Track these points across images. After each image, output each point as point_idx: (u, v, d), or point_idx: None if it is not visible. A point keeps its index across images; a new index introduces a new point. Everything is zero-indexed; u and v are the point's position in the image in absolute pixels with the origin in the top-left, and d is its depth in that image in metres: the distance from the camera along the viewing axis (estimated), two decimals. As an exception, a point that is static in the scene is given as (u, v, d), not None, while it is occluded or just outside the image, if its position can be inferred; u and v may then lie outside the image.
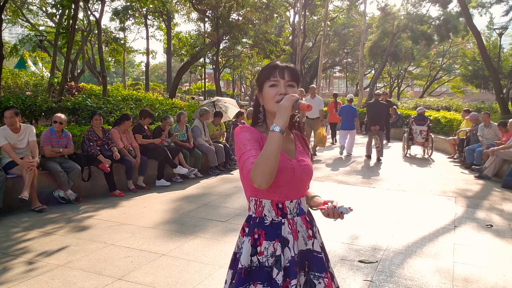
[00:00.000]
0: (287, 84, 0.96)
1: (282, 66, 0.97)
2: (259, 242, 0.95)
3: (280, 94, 0.94)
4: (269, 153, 0.85)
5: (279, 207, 0.96)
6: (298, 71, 1.01)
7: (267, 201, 0.96)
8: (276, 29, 20.43)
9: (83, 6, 10.90)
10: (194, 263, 2.20)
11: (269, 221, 0.96)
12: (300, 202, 0.99)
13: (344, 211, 0.92)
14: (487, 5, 14.26)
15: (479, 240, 2.67)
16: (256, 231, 0.96)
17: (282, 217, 0.96)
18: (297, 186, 0.97)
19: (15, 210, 3.16)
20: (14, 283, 1.94)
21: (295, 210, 0.97)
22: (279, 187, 0.94)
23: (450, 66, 22.58)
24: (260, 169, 0.86)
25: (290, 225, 0.96)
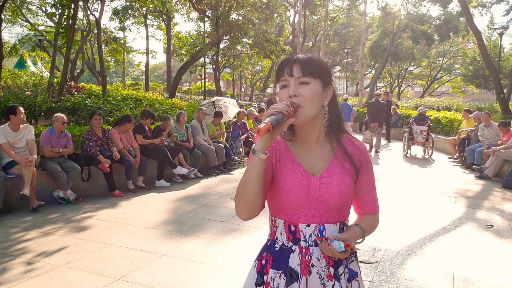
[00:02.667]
0: (298, 82, 0.75)
1: (291, 60, 0.77)
2: (266, 269, 0.80)
3: (290, 96, 0.75)
4: (244, 180, 0.73)
5: (291, 230, 0.78)
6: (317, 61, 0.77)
7: (280, 222, 0.80)
8: (276, 29, 20.42)
9: (83, 5, 10.90)
10: (194, 263, 2.19)
11: (279, 245, 0.80)
12: (324, 230, 0.77)
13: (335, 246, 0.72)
14: (488, 5, 14.25)
15: (479, 240, 2.66)
16: (265, 255, 0.81)
17: (294, 243, 0.78)
18: (318, 208, 0.77)
19: (14, 210, 3.15)
20: (14, 284, 1.93)
21: (314, 237, 0.77)
22: (290, 209, 0.78)
23: (450, 66, 22.57)
24: (236, 200, 0.75)
25: (301, 254, 0.77)
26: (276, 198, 0.79)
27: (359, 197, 0.84)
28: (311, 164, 0.80)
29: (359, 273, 0.83)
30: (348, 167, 0.80)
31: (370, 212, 0.85)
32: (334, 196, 0.77)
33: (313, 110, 0.76)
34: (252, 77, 29.72)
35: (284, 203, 0.78)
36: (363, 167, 0.82)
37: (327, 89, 0.78)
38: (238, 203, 0.75)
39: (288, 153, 0.81)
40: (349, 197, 0.79)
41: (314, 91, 0.75)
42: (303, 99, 0.74)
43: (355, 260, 0.83)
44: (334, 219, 0.79)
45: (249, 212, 0.75)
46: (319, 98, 0.76)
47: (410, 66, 22.88)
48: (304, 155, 0.80)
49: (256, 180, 0.72)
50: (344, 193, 0.78)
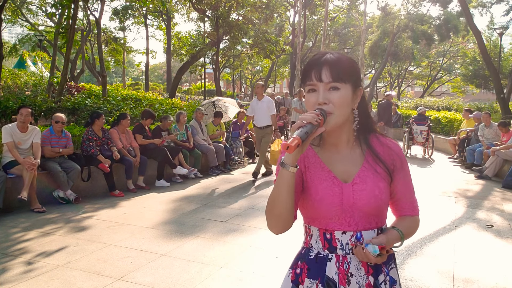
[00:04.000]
0: (328, 87, 0.70)
1: (320, 62, 0.71)
2: (301, 278, 0.76)
3: (319, 104, 0.69)
4: (274, 195, 0.69)
5: (327, 238, 0.75)
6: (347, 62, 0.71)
7: (315, 229, 0.76)
8: (276, 28, 20.42)
9: (83, 5, 10.90)
10: (194, 263, 2.19)
11: (314, 254, 0.76)
12: (361, 237, 0.73)
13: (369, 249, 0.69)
14: (488, 5, 14.25)
15: (479, 240, 2.66)
16: (299, 264, 0.78)
17: (330, 251, 0.74)
18: (353, 216, 0.73)
19: (14, 210, 3.15)
20: (14, 283, 1.93)
21: (351, 245, 0.74)
22: (324, 218, 0.74)
23: (450, 66, 22.57)
24: (267, 214, 0.72)
25: (338, 263, 0.74)
26: (308, 207, 0.76)
27: (396, 199, 0.79)
28: (342, 170, 0.75)
29: (398, 280, 0.79)
30: (380, 170, 0.75)
31: (408, 214, 0.80)
32: (369, 202, 0.73)
33: (344, 116, 0.72)
34: (252, 77, 29.72)
35: (317, 213, 0.74)
36: (397, 167, 0.77)
37: (357, 91, 0.73)
38: (269, 219, 0.72)
39: (317, 159, 0.77)
40: (385, 202, 0.75)
41: (345, 96, 0.70)
42: (333, 106, 0.70)
43: (395, 267, 0.79)
44: (371, 225, 0.75)
45: (282, 227, 0.72)
46: (349, 103, 0.72)
47: (410, 66, 22.90)
48: (334, 160, 0.76)
49: (287, 195, 0.69)
50: (379, 198, 0.73)
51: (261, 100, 4.50)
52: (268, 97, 4.59)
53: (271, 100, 4.55)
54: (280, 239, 2.59)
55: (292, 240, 2.57)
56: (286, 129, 8.53)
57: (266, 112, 4.43)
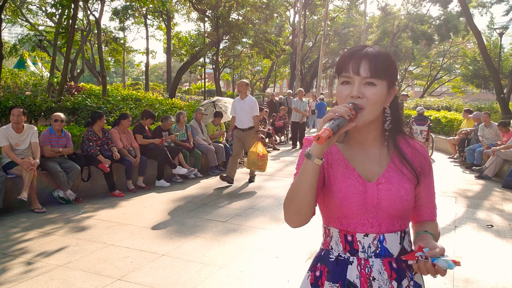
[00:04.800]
0: (364, 82, 0.67)
1: (359, 55, 0.68)
2: (320, 281, 0.74)
3: (352, 97, 0.67)
4: (296, 186, 0.67)
5: (348, 240, 0.72)
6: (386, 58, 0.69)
7: (335, 230, 0.74)
8: (276, 29, 20.41)
9: (83, 5, 10.90)
10: (194, 263, 2.19)
11: (334, 256, 0.74)
12: (384, 240, 0.71)
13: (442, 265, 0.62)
14: (488, 5, 14.25)
15: (479, 240, 2.66)
16: (319, 266, 0.75)
17: (351, 254, 0.72)
18: (377, 217, 0.71)
19: (14, 210, 3.15)
20: (14, 284, 1.93)
21: (373, 248, 0.71)
22: (346, 218, 0.72)
23: (450, 66, 22.57)
24: (285, 206, 0.70)
25: (360, 266, 0.71)
26: (329, 206, 0.73)
27: (419, 203, 0.76)
28: (366, 169, 0.73)
29: (423, 285, 0.76)
30: (406, 171, 0.73)
31: (429, 219, 0.77)
32: (394, 203, 0.70)
33: (375, 113, 0.70)
34: (252, 77, 29.71)
35: (339, 211, 0.72)
36: (426, 172, 0.75)
37: (391, 89, 0.72)
38: (287, 211, 0.70)
39: (341, 156, 0.74)
40: (410, 204, 0.72)
41: (380, 94, 0.68)
42: (366, 101, 0.67)
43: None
44: (395, 228, 0.72)
45: (300, 220, 0.70)
46: (382, 101, 0.70)
47: (410, 66, 22.89)
48: (358, 159, 0.74)
49: (310, 187, 0.66)
50: (405, 199, 0.71)
51: (243, 100, 4.10)
52: (251, 97, 4.19)
53: (254, 100, 4.16)
54: (280, 239, 2.59)
55: (292, 240, 2.57)
56: (286, 129, 8.52)
57: (248, 112, 4.05)
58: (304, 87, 17.07)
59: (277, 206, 3.35)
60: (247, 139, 4.09)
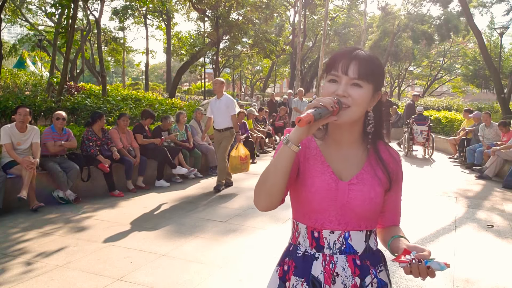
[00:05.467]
0: (351, 82, 0.69)
1: (350, 56, 0.70)
2: (288, 276, 0.76)
3: (338, 95, 0.69)
4: (269, 170, 0.68)
5: (315, 237, 0.74)
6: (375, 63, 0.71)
7: (303, 226, 0.76)
8: (276, 28, 20.41)
9: (83, 5, 10.89)
10: (194, 263, 2.19)
11: (301, 251, 0.76)
12: (349, 237, 0.73)
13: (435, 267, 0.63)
14: (488, 5, 14.24)
15: (480, 241, 2.66)
16: (287, 261, 0.78)
17: (317, 250, 0.74)
18: (344, 215, 0.73)
19: (14, 210, 3.15)
20: (13, 284, 1.93)
21: (339, 245, 0.73)
22: (314, 213, 0.73)
23: (450, 65, 22.56)
24: (256, 188, 0.71)
25: (325, 262, 0.73)
26: (301, 200, 0.75)
27: (386, 208, 0.79)
28: (342, 168, 0.75)
29: (389, 283, 0.77)
30: (380, 175, 0.75)
31: (393, 224, 0.80)
32: (363, 204, 0.72)
33: (358, 114, 0.71)
34: (252, 77, 29.72)
35: (309, 205, 0.74)
36: (399, 179, 0.78)
37: (376, 94, 0.73)
38: (258, 193, 0.71)
39: (318, 153, 0.76)
40: (378, 207, 0.74)
41: (365, 96, 0.70)
42: (351, 101, 0.69)
43: (385, 270, 0.77)
44: (361, 227, 0.74)
45: (268, 203, 0.71)
46: (366, 103, 0.72)
47: (410, 66, 22.88)
48: (335, 157, 0.75)
49: (282, 172, 0.67)
50: (374, 202, 0.73)
51: (219, 99, 3.84)
52: (228, 96, 3.92)
53: (230, 99, 3.89)
54: (280, 239, 2.59)
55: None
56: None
57: (225, 112, 3.79)
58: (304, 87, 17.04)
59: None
60: (224, 140, 3.84)
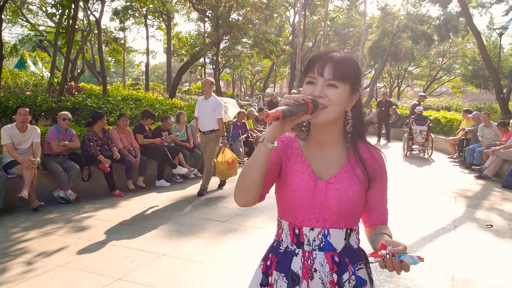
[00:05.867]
0: (326, 83, 0.71)
1: (325, 58, 0.72)
2: (270, 271, 0.79)
3: (314, 95, 0.71)
4: (247, 166, 0.71)
5: (295, 233, 0.77)
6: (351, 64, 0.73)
7: (285, 223, 0.79)
8: (276, 29, 20.43)
9: (83, 6, 10.91)
10: (194, 263, 2.20)
11: (283, 247, 0.79)
12: (328, 234, 0.75)
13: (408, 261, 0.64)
14: (487, 5, 14.26)
15: (479, 240, 2.67)
16: (270, 256, 0.81)
17: (297, 246, 0.77)
18: (322, 213, 0.75)
19: (15, 210, 3.16)
20: (14, 283, 1.94)
21: (318, 242, 0.75)
22: (294, 211, 0.77)
23: (450, 66, 22.57)
24: (236, 184, 0.74)
25: (304, 258, 0.75)
26: (282, 198, 0.78)
27: (371, 207, 0.80)
28: (321, 168, 0.77)
29: (369, 281, 0.78)
30: (359, 174, 0.76)
31: (380, 223, 0.81)
32: (340, 202, 0.74)
33: (336, 114, 0.73)
34: (252, 77, 29.73)
35: (289, 204, 0.77)
36: (378, 177, 0.78)
37: (353, 94, 0.75)
38: (237, 189, 0.74)
39: (300, 153, 0.78)
40: (356, 205, 0.76)
41: (341, 96, 0.72)
42: (328, 101, 0.71)
43: (365, 267, 0.78)
44: (340, 225, 0.76)
45: (246, 199, 0.74)
46: (344, 103, 0.73)
47: (409, 66, 22.88)
48: (316, 157, 0.78)
49: (258, 169, 0.70)
50: (351, 200, 0.74)
51: (207, 100, 3.64)
52: (215, 97, 3.69)
53: (218, 102, 3.65)
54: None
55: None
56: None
57: (211, 114, 3.60)
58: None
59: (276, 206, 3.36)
60: (209, 143, 3.67)
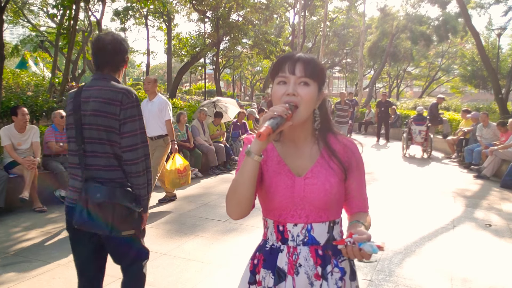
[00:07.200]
0: (299, 81, 0.73)
1: (295, 58, 0.75)
2: (257, 269, 0.80)
3: (288, 94, 0.73)
4: (237, 181, 0.73)
5: (280, 230, 0.79)
6: (318, 63, 0.76)
7: (270, 222, 0.80)
8: (276, 29, 20.46)
9: (84, 6, 10.93)
10: (194, 262, 2.21)
11: (269, 245, 0.80)
12: (311, 229, 0.77)
13: (367, 249, 0.65)
14: (486, 6, 14.29)
15: (477, 240, 2.68)
16: (257, 255, 0.82)
17: (282, 243, 0.78)
18: (304, 209, 0.77)
19: (16, 209, 3.17)
20: (15, 283, 1.95)
21: (302, 237, 0.77)
22: (277, 210, 0.78)
23: (449, 66, 22.60)
24: (227, 200, 0.76)
25: (289, 254, 0.77)
26: (264, 200, 0.80)
27: (350, 196, 0.82)
28: (297, 165, 0.79)
29: (349, 272, 0.79)
30: (334, 166, 0.78)
31: (361, 211, 0.83)
32: (319, 196, 0.76)
33: (308, 112, 0.75)
34: (252, 77, 29.75)
35: (271, 204, 0.78)
36: (353, 166, 0.80)
37: (320, 93, 0.78)
38: (229, 203, 0.76)
39: (275, 153, 0.80)
40: (336, 196, 0.77)
41: (312, 93, 0.75)
42: (301, 100, 0.73)
43: (348, 260, 0.80)
44: (322, 219, 0.78)
45: (240, 212, 0.76)
46: (314, 101, 0.76)
47: (409, 67, 22.93)
48: (291, 155, 0.79)
49: (249, 183, 0.72)
50: (329, 192, 0.76)
51: (152, 100, 3.13)
52: (161, 97, 3.18)
53: (164, 101, 3.14)
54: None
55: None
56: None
57: (158, 117, 3.09)
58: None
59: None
60: (157, 150, 3.09)
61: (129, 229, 1.24)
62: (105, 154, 1.23)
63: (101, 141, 1.22)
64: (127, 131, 1.22)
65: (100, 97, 1.21)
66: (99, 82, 1.25)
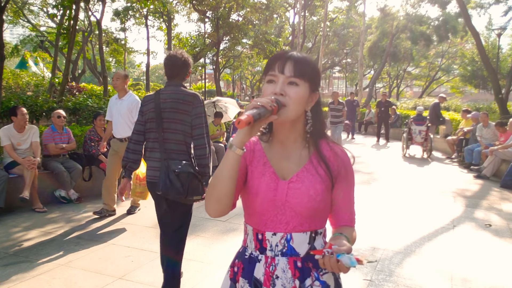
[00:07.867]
0: (287, 81, 0.71)
1: (285, 57, 0.72)
2: (237, 277, 0.77)
3: (275, 93, 0.70)
4: (217, 175, 0.69)
5: (259, 239, 0.75)
6: (310, 63, 0.73)
7: (250, 229, 0.77)
8: (276, 29, 20.46)
9: (84, 6, 10.93)
10: (194, 262, 2.21)
11: (248, 254, 0.77)
12: (291, 239, 0.72)
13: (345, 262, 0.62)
14: (486, 6, 14.29)
15: (477, 240, 2.68)
16: (237, 263, 0.79)
17: (260, 252, 0.75)
18: (285, 214, 0.73)
19: (16, 209, 3.17)
20: (15, 283, 1.95)
21: (280, 247, 0.73)
22: (258, 214, 0.74)
23: (449, 66, 22.61)
24: (207, 195, 0.71)
25: (266, 264, 0.73)
26: (246, 202, 0.77)
27: (335, 208, 0.77)
28: (283, 167, 0.75)
29: (334, 286, 0.75)
30: (322, 173, 0.74)
31: (347, 225, 0.77)
32: (302, 201, 0.72)
33: (296, 112, 0.72)
34: (252, 77, 29.76)
35: (252, 208, 0.75)
36: (342, 176, 0.75)
37: (313, 94, 0.74)
38: (208, 199, 0.71)
39: (262, 154, 0.77)
40: (320, 205, 0.73)
41: (301, 93, 0.71)
42: (289, 99, 0.70)
43: (332, 273, 0.75)
44: (303, 228, 0.73)
45: (219, 209, 0.71)
46: (304, 102, 0.72)
47: (409, 67, 22.93)
48: (278, 157, 0.76)
49: (229, 177, 0.68)
50: (313, 199, 0.72)
51: (121, 99, 2.83)
52: (132, 96, 2.85)
53: (135, 100, 2.81)
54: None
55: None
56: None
57: (126, 116, 2.79)
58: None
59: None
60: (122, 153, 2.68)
61: (197, 194, 1.61)
62: (178, 141, 1.66)
63: (176, 131, 1.65)
64: (197, 124, 1.66)
65: (176, 98, 1.65)
66: (173, 88, 1.70)
